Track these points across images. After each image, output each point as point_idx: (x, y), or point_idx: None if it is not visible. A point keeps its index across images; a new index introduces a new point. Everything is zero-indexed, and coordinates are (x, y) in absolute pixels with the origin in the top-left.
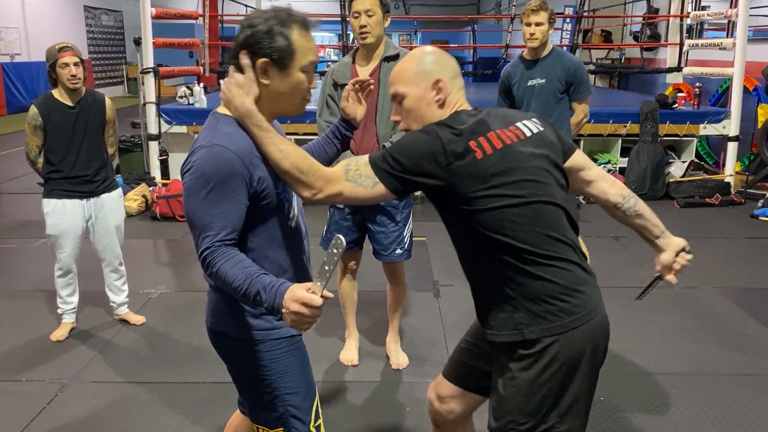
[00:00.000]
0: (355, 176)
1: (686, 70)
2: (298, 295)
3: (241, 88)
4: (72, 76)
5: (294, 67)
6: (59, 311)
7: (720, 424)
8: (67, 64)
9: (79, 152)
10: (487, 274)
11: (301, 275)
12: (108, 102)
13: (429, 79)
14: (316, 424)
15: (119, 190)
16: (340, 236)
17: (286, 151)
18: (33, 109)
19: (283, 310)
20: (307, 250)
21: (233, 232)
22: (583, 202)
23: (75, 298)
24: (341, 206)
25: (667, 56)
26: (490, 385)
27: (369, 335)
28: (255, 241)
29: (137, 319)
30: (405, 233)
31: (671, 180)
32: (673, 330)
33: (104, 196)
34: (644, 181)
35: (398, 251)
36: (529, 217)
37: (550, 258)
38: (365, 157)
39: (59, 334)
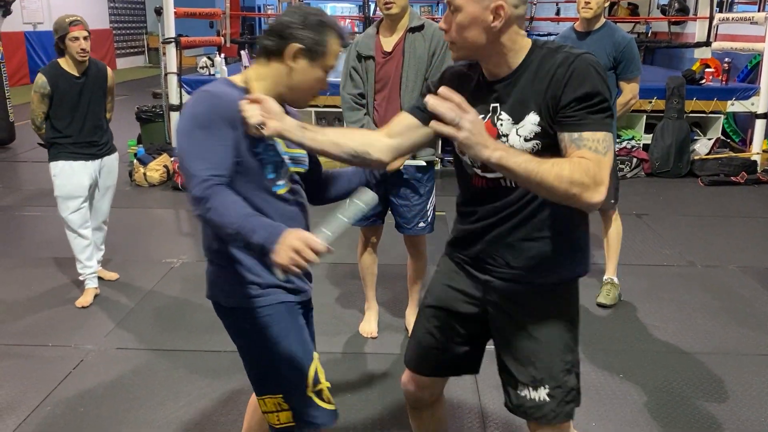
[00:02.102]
0: (602, 147)
1: (715, 44)
2: (302, 233)
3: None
4: (82, 50)
5: (321, 64)
6: (81, 277)
7: (741, 403)
8: (77, 38)
9: (85, 119)
10: (565, 217)
11: None
12: (110, 72)
13: (491, 0)
14: (316, 389)
15: (117, 153)
16: (373, 192)
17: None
18: (42, 78)
19: (278, 246)
20: (303, 221)
21: (224, 172)
22: None
23: (94, 262)
24: None
25: (696, 30)
26: (473, 356)
27: (389, 308)
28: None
29: (111, 275)
30: (428, 206)
31: (696, 157)
32: (694, 309)
33: (106, 158)
34: (668, 159)
35: (421, 224)
36: None
37: None
38: (587, 132)
39: (84, 300)
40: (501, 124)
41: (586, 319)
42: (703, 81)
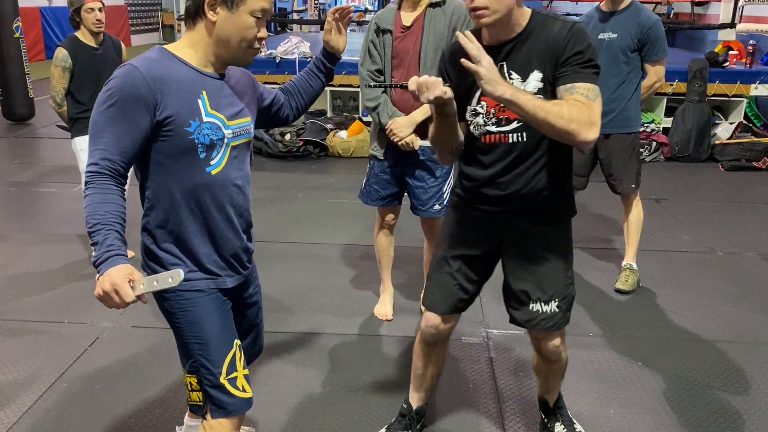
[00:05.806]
0: (591, 95)
1: (740, 26)
2: (117, 280)
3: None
4: (97, 20)
5: (243, 9)
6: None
7: (761, 393)
8: (92, 9)
9: None
10: (559, 170)
11: (221, 230)
12: (123, 45)
13: None
14: (230, 377)
15: None
16: (182, 272)
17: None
18: (62, 51)
19: (101, 277)
20: (238, 205)
21: (120, 155)
22: None
23: None
24: (382, 158)
25: (720, 11)
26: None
27: (404, 290)
28: (160, 177)
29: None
30: (444, 189)
31: (717, 142)
32: (714, 296)
33: None
34: (688, 143)
35: (436, 207)
36: None
37: None
38: (579, 83)
39: None
40: (511, 82)
41: (605, 305)
42: (727, 64)
